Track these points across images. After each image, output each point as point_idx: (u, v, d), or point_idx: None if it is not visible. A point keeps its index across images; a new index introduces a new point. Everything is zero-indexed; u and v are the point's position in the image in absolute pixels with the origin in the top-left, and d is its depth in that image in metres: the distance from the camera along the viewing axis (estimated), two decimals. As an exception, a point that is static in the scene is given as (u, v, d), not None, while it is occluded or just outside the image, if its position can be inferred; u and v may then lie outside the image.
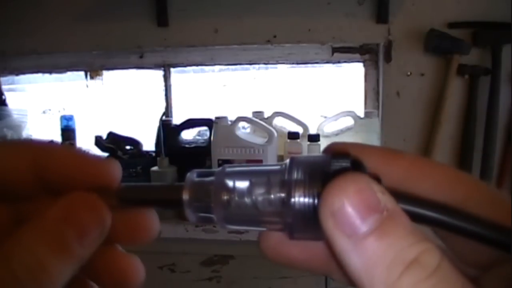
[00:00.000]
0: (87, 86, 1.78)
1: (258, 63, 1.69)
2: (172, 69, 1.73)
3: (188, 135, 1.61)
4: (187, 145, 1.56)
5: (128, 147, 1.57)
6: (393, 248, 0.18)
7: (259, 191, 0.21)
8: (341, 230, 0.18)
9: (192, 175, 0.23)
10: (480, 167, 1.42)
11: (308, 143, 1.37)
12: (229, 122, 1.39)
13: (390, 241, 0.18)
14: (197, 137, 1.62)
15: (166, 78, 1.73)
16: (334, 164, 0.20)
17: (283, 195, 0.21)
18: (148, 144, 1.59)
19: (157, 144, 1.51)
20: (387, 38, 1.47)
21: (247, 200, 0.22)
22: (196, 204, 0.23)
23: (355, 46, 1.59)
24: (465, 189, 0.21)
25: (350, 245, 0.18)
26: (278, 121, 1.54)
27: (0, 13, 1.62)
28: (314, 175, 0.20)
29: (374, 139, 1.44)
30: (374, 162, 0.21)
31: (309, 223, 0.20)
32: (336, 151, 0.20)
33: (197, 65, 1.73)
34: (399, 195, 0.19)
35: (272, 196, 0.21)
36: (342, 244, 0.18)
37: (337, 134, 1.49)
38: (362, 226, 0.18)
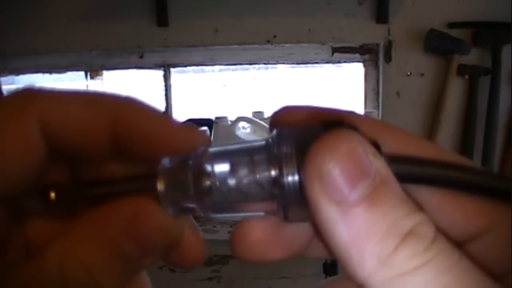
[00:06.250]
0: (87, 86, 1.78)
1: (258, 63, 1.69)
2: (172, 69, 1.73)
3: (188, 135, 1.60)
4: (187, 145, 1.56)
5: (128, 147, 1.57)
6: (386, 218, 0.16)
7: (245, 172, 0.19)
8: (328, 196, 0.16)
9: (166, 161, 0.20)
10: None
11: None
12: (229, 122, 1.39)
13: (383, 211, 0.16)
14: (197, 137, 1.62)
15: (166, 78, 1.73)
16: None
17: (273, 173, 0.18)
18: (148, 144, 1.59)
19: (157, 144, 1.51)
20: (387, 38, 1.47)
21: (231, 183, 0.19)
22: (173, 194, 0.19)
23: (355, 46, 1.58)
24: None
25: (338, 214, 0.16)
26: (278, 121, 1.54)
27: (0, 13, 1.62)
28: (306, 147, 0.17)
29: (374, 139, 1.44)
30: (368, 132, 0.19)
31: (304, 202, 0.17)
32: (328, 119, 0.18)
33: (197, 65, 1.73)
34: (389, 157, 0.17)
35: (261, 175, 0.18)
36: (329, 212, 0.16)
37: (337, 134, 1.49)
38: (352, 193, 0.16)
